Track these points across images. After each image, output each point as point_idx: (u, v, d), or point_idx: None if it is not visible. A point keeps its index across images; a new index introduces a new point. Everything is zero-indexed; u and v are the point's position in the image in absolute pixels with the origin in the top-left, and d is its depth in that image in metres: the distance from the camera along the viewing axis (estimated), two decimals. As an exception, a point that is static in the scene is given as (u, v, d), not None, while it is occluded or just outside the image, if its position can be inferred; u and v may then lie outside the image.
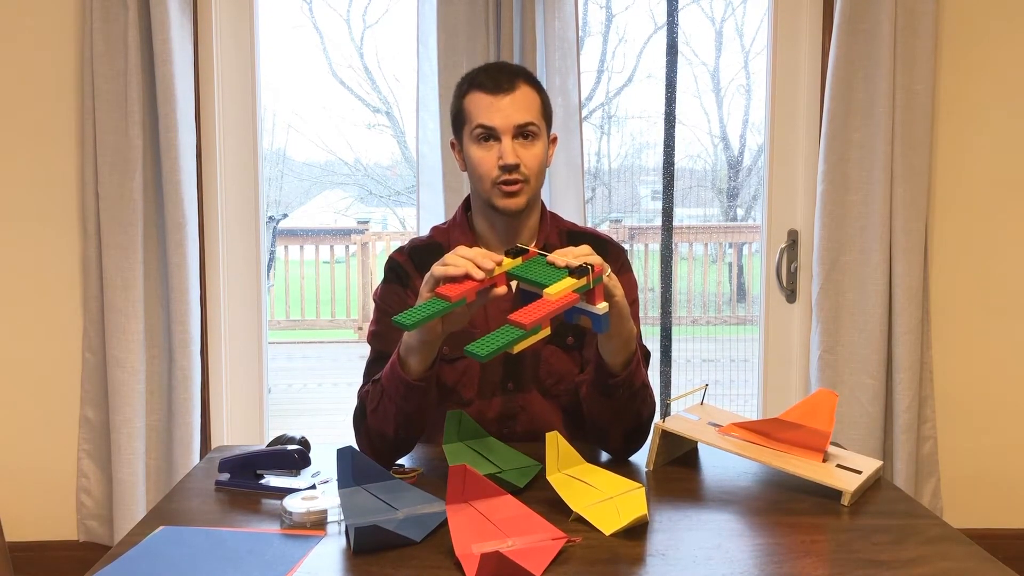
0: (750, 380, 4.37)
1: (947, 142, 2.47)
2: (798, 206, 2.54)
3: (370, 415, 1.41)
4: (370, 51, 5.68)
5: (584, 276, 1.18)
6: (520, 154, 1.45)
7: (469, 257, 1.21)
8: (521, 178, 1.46)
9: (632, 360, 1.38)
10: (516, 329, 1.10)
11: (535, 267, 1.22)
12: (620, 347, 1.35)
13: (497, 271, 1.22)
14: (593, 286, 1.20)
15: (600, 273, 1.21)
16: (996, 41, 2.45)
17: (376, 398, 1.40)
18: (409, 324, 1.13)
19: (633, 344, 1.37)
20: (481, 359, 1.06)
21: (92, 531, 2.48)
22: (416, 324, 1.14)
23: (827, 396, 1.36)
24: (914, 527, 1.17)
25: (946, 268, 2.49)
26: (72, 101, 2.41)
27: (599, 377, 1.39)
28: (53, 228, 2.44)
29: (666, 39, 2.76)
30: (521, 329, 1.10)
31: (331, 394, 5.25)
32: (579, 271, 1.19)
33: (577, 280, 1.18)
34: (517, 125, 1.45)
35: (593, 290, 1.20)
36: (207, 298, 2.48)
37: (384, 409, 1.39)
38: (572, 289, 1.17)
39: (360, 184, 6.56)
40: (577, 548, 1.08)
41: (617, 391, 1.38)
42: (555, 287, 1.15)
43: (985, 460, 2.54)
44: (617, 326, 1.30)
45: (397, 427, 1.39)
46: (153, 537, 1.13)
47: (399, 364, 1.35)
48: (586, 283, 1.19)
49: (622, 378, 1.37)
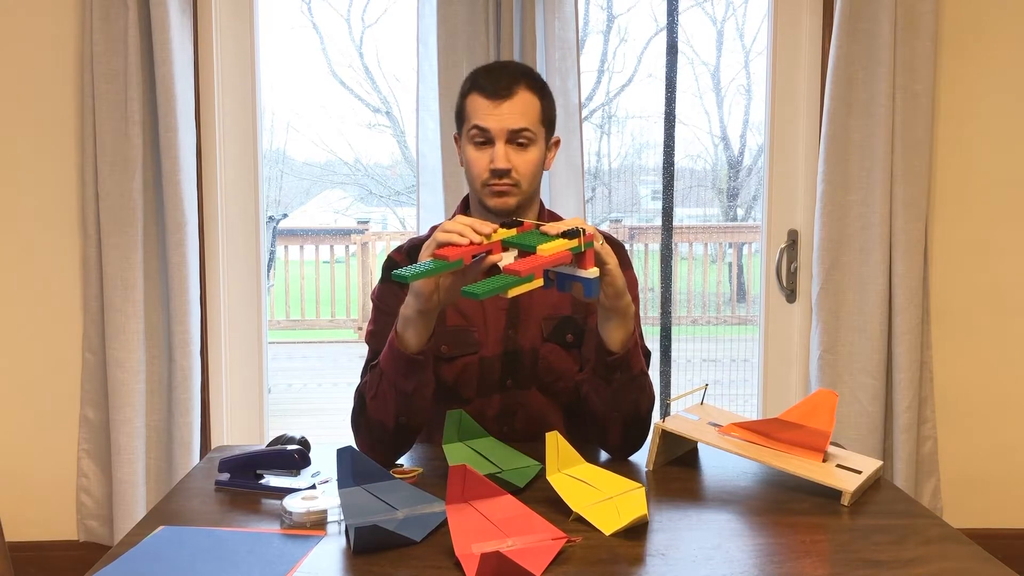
0: (750, 380, 4.37)
1: (947, 142, 2.47)
2: (798, 206, 2.54)
3: (369, 403, 1.41)
4: (370, 51, 5.69)
5: (575, 238, 1.24)
6: (512, 159, 1.46)
7: (467, 223, 1.27)
8: (511, 182, 1.46)
9: (630, 339, 1.39)
10: (511, 276, 1.18)
11: (530, 236, 1.28)
12: (618, 323, 1.36)
13: (493, 237, 1.27)
14: (584, 249, 1.25)
15: (591, 238, 1.26)
16: (996, 41, 2.45)
17: (375, 384, 1.41)
18: (408, 276, 1.19)
19: (631, 323, 1.38)
20: (478, 297, 1.13)
21: (92, 531, 2.48)
22: (415, 276, 1.20)
23: (827, 396, 1.36)
24: (914, 527, 1.17)
25: (946, 268, 2.49)
26: (72, 101, 2.41)
27: (598, 357, 1.40)
28: (53, 228, 2.44)
29: (666, 39, 2.76)
30: (516, 276, 1.18)
31: (331, 394, 5.25)
32: (570, 233, 1.25)
33: (569, 241, 1.24)
34: (511, 131, 1.46)
35: (584, 254, 1.25)
36: (207, 298, 2.48)
37: (383, 394, 1.39)
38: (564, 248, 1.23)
39: (360, 184, 6.56)
40: (577, 548, 1.08)
41: (614, 373, 1.39)
42: (548, 245, 1.22)
43: (985, 460, 2.54)
44: (612, 298, 1.32)
45: (397, 412, 1.39)
46: (153, 537, 1.13)
47: (397, 340, 1.36)
48: (577, 244, 1.24)
49: (619, 357, 1.38)
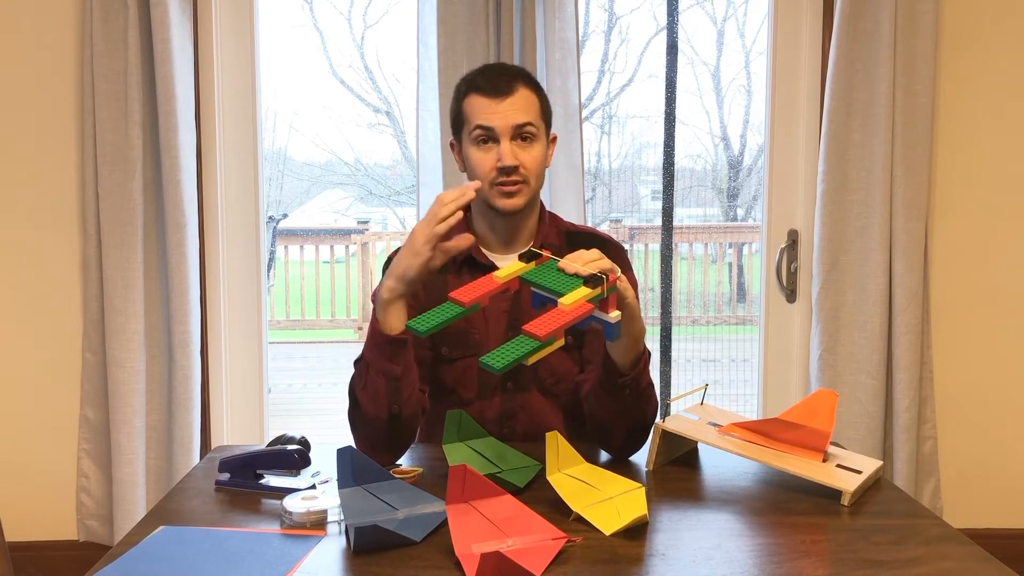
0: (750, 380, 4.37)
1: (947, 142, 2.47)
2: (798, 206, 2.54)
3: (360, 396, 1.40)
4: (370, 51, 5.69)
5: (598, 285, 1.17)
6: (519, 156, 1.45)
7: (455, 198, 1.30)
8: (520, 179, 1.46)
9: (640, 360, 1.37)
10: (531, 340, 1.10)
11: (548, 273, 1.21)
12: (630, 346, 1.33)
13: (510, 277, 1.21)
14: (607, 295, 1.19)
15: (614, 282, 1.20)
16: (996, 41, 2.45)
17: (362, 376, 1.39)
18: (423, 330, 1.13)
19: (642, 344, 1.36)
20: (497, 371, 1.06)
21: (92, 531, 2.48)
22: (430, 330, 1.14)
23: (827, 396, 1.36)
24: (914, 527, 1.17)
25: (946, 268, 2.49)
26: (72, 101, 2.41)
27: (606, 376, 1.38)
28: (53, 228, 2.44)
29: (667, 39, 2.76)
30: (536, 340, 1.10)
31: (331, 394, 5.24)
32: (593, 280, 1.17)
33: (591, 290, 1.17)
34: (515, 126, 1.45)
35: (607, 298, 1.19)
36: (207, 298, 2.48)
37: (373, 384, 1.37)
38: (586, 299, 1.16)
39: (360, 184, 6.57)
40: (577, 548, 1.08)
41: (624, 391, 1.37)
42: (570, 296, 1.15)
43: (985, 460, 2.54)
44: (628, 326, 1.28)
45: (389, 401, 1.37)
46: (153, 537, 1.13)
47: (380, 325, 1.35)
48: (600, 292, 1.18)
49: (630, 378, 1.36)
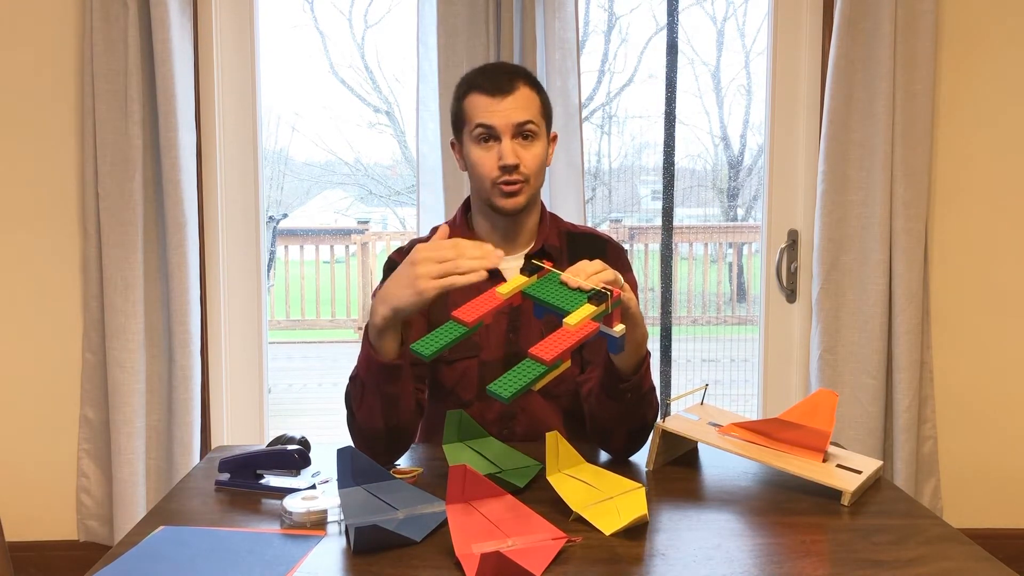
0: (750, 380, 4.37)
1: (947, 142, 2.47)
2: (798, 206, 2.54)
3: (357, 413, 1.40)
4: (371, 51, 5.70)
5: (603, 302, 1.16)
6: (520, 154, 1.45)
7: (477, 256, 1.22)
8: (521, 178, 1.45)
9: (642, 364, 1.36)
10: (538, 364, 1.09)
11: (551, 287, 1.20)
12: (633, 351, 1.33)
13: (513, 292, 1.20)
14: (611, 310, 1.18)
15: (619, 296, 1.18)
16: (996, 41, 2.45)
17: (358, 395, 1.38)
18: (427, 354, 1.13)
19: (644, 348, 1.36)
20: (505, 400, 1.05)
21: (92, 531, 2.48)
22: (434, 353, 1.13)
23: (827, 396, 1.36)
24: (914, 527, 1.17)
25: (946, 268, 2.49)
26: (72, 101, 2.41)
27: (608, 380, 1.37)
28: (53, 228, 2.44)
29: (666, 39, 2.76)
30: (543, 364, 1.09)
31: (331, 394, 5.25)
32: (597, 296, 1.16)
33: (596, 307, 1.15)
34: (516, 124, 1.45)
35: (611, 313, 1.18)
36: (207, 298, 2.48)
37: (369, 403, 1.37)
38: (592, 316, 1.15)
39: (360, 184, 6.57)
40: (577, 548, 1.08)
41: (626, 395, 1.37)
42: (575, 316, 1.13)
43: (985, 460, 2.54)
44: (631, 333, 1.27)
45: (386, 415, 1.37)
46: (153, 537, 1.13)
47: (374, 351, 1.33)
48: (605, 308, 1.16)
49: (632, 382, 1.36)
